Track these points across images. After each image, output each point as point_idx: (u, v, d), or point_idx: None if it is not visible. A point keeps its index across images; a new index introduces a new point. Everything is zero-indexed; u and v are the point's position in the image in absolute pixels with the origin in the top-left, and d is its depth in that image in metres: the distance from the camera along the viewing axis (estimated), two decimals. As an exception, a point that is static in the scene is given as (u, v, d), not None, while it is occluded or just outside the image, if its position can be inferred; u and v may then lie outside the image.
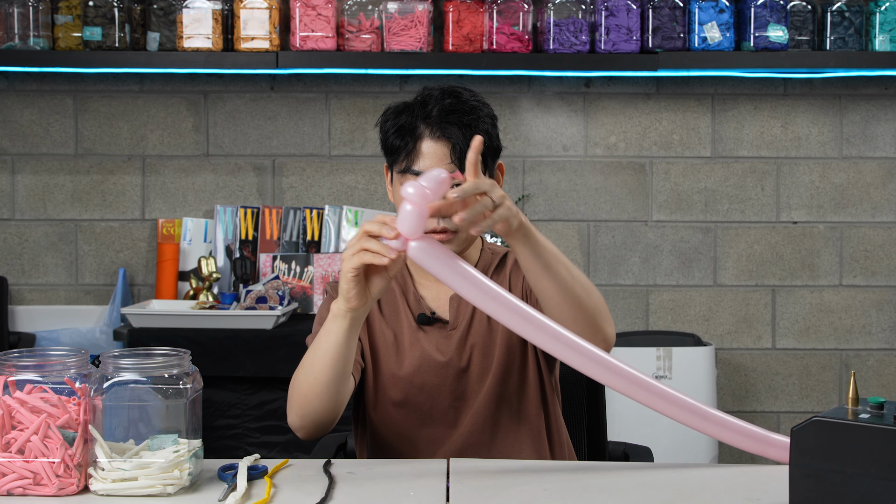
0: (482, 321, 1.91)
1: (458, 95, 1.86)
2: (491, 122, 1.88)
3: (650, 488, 1.55)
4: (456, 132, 1.82)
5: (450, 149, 1.82)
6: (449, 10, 3.51)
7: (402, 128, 1.84)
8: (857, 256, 3.76)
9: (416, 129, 1.83)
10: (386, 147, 1.88)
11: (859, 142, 3.74)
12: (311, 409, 1.72)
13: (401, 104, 1.89)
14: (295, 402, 1.74)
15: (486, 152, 1.84)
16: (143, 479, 1.47)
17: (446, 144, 1.82)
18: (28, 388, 1.48)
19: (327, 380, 1.70)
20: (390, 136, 1.86)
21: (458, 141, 1.81)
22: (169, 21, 3.51)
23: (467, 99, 1.86)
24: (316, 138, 3.73)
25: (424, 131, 1.83)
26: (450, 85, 1.89)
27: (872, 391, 3.74)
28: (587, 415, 2.19)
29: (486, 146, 1.82)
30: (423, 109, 1.84)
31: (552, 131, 3.73)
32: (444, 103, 1.84)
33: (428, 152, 1.82)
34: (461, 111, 1.84)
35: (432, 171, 1.56)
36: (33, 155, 3.72)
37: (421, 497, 1.50)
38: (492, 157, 1.88)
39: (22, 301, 3.72)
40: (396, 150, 1.85)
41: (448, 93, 1.86)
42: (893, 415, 1.30)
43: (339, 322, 1.66)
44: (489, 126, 1.87)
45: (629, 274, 3.76)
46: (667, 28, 3.49)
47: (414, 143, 1.83)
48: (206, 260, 3.50)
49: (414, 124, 1.84)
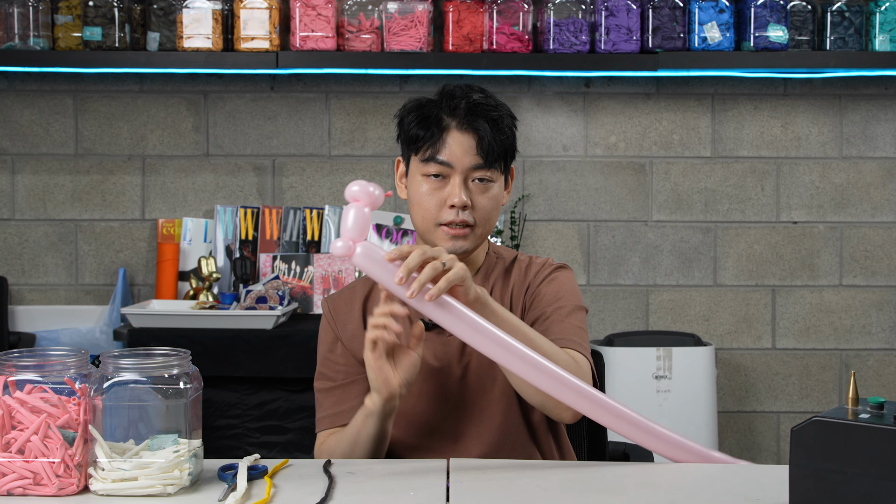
0: None
1: (484, 91, 1.87)
2: (512, 121, 1.88)
3: (650, 488, 1.55)
4: (484, 125, 1.81)
5: (476, 140, 1.81)
6: (449, 10, 3.51)
7: (426, 118, 1.83)
8: (857, 256, 3.76)
9: (441, 120, 1.82)
10: (407, 138, 1.85)
11: (859, 142, 3.74)
12: None
13: (422, 98, 1.88)
14: None
15: (506, 153, 1.85)
16: (143, 479, 1.47)
17: (473, 136, 1.81)
18: (28, 388, 1.48)
19: (374, 453, 1.77)
20: (413, 126, 1.84)
21: (486, 133, 1.81)
22: (169, 21, 3.51)
23: (492, 96, 1.87)
24: (316, 138, 3.73)
25: (451, 122, 1.82)
26: (469, 85, 1.90)
27: (872, 391, 3.74)
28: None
29: (505, 147, 1.85)
30: (449, 102, 1.83)
31: (552, 131, 3.73)
32: (472, 97, 1.83)
33: (454, 142, 1.81)
34: (489, 105, 1.84)
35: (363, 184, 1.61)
36: (33, 155, 3.72)
37: (421, 497, 1.50)
38: (511, 156, 1.88)
39: (22, 301, 3.72)
40: (420, 139, 1.83)
41: (474, 88, 1.87)
42: (893, 415, 1.30)
43: (376, 420, 1.72)
44: (511, 124, 1.87)
45: (629, 274, 3.76)
46: (667, 28, 3.49)
47: (440, 133, 1.82)
48: (206, 260, 3.50)
49: (439, 116, 1.83)
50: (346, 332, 1.91)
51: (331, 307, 1.94)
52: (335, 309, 1.93)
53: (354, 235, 1.59)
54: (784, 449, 3.77)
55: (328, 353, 1.92)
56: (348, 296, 1.95)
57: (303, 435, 3.20)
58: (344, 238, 1.59)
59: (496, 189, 1.85)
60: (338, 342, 1.91)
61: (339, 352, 1.91)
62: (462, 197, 1.80)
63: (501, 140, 1.83)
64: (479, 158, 1.81)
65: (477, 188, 1.83)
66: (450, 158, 1.81)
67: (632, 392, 3.36)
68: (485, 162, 1.81)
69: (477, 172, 1.82)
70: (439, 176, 1.82)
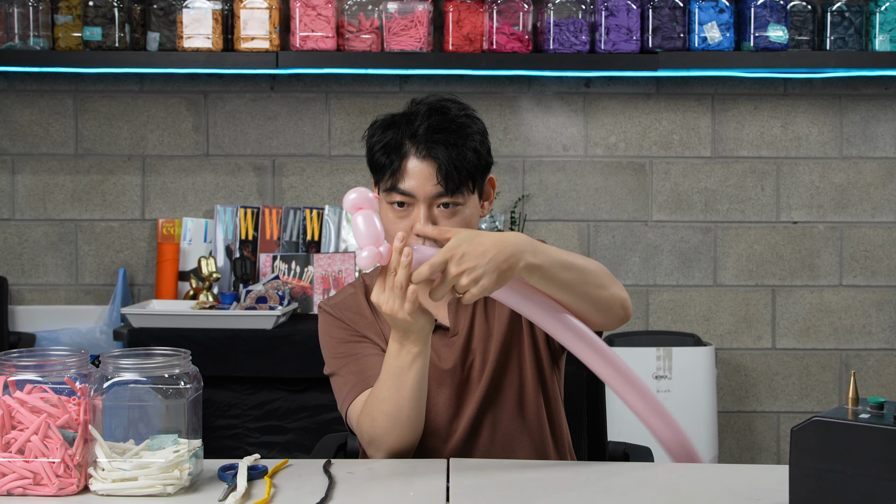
0: (481, 326, 1.89)
1: (446, 112, 1.81)
2: (480, 138, 1.82)
3: (650, 488, 1.56)
4: (442, 151, 1.76)
5: (436, 168, 1.77)
6: (449, 10, 3.51)
7: (387, 145, 1.79)
8: (857, 256, 3.76)
9: (401, 146, 1.78)
10: (372, 164, 1.83)
11: (859, 142, 3.74)
12: (406, 442, 1.75)
13: (388, 117, 1.84)
14: (385, 443, 1.74)
15: (476, 170, 1.80)
16: (143, 479, 1.47)
17: (432, 164, 1.77)
18: (28, 388, 1.48)
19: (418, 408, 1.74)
20: (377, 153, 1.81)
21: (444, 161, 1.76)
22: (169, 21, 3.51)
23: (455, 116, 1.81)
24: (316, 138, 3.73)
25: (410, 149, 1.78)
26: (439, 99, 1.84)
27: (872, 391, 3.74)
28: (587, 415, 2.19)
29: (475, 164, 1.80)
30: (409, 127, 1.79)
31: (552, 131, 3.73)
32: (430, 121, 1.79)
33: (414, 171, 1.77)
34: (448, 129, 1.78)
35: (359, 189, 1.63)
36: (33, 155, 3.72)
37: (421, 497, 1.50)
38: (481, 175, 1.83)
39: (22, 301, 3.72)
40: (382, 167, 1.80)
41: (435, 109, 1.81)
42: (893, 415, 1.30)
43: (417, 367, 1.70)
44: (477, 144, 1.81)
45: (629, 274, 3.76)
46: (667, 28, 3.49)
47: (399, 161, 1.78)
48: (206, 260, 3.50)
49: (400, 142, 1.79)
50: (361, 330, 1.90)
51: (336, 313, 1.92)
52: (341, 315, 1.91)
53: (374, 241, 1.60)
54: (784, 449, 3.77)
55: (341, 339, 1.89)
56: (351, 301, 1.93)
57: (303, 435, 3.20)
58: (366, 247, 1.59)
59: (466, 211, 1.80)
60: (352, 330, 1.90)
61: (355, 336, 1.89)
62: (426, 226, 1.75)
63: (463, 165, 1.77)
64: (439, 187, 1.77)
65: (443, 214, 1.79)
66: (410, 189, 1.77)
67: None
68: (446, 190, 1.77)
69: (440, 199, 1.78)
70: (403, 204, 1.79)
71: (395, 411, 1.71)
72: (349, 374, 1.85)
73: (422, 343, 1.69)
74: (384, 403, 1.72)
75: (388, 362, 1.71)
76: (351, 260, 3.56)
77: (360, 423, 1.78)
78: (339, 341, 1.89)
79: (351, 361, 1.86)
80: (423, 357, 1.70)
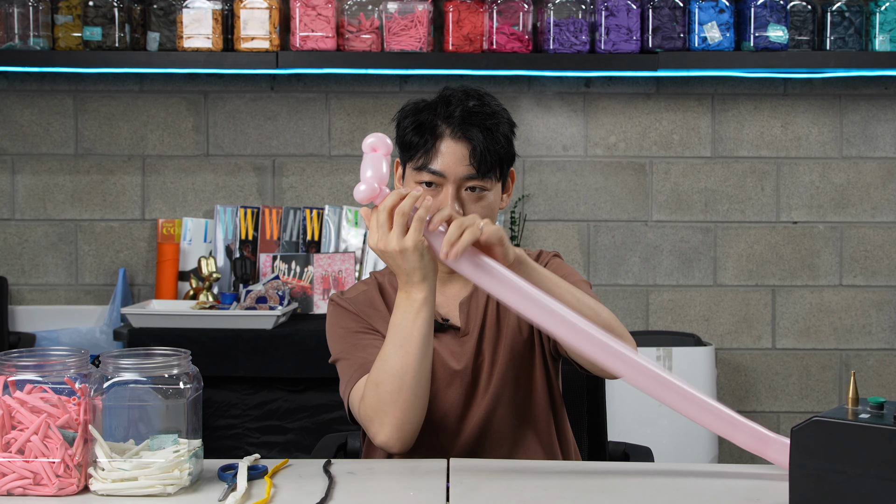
0: (492, 326, 1.89)
1: (482, 98, 1.86)
2: (510, 128, 1.87)
3: (650, 488, 1.56)
4: (478, 134, 1.80)
5: (469, 150, 1.80)
6: (449, 10, 3.51)
7: (421, 125, 1.82)
8: (857, 256, 3.76)
9: (436, 127, 1.82)
10: (403, 143, 1.85)
11: (859, 142, 3.74)
12: (411, 413, 1.71)
13: (420, 102, 1.87)
14: (390, 413, 1.70)
15: (504, 158, 1.85)
16: (143, 479, 1.47)
17: (467, 146, 1.81)
18: (28, 388, 1.48)
19: (424, 371, 1.71)
20: (409, 132, 1.83)
21: (478, 143, 1.80)
22: (169, 21, 3.51)
23: (489, 102, 1.86)
24: (316, 138, 3.73)
25: (445, 130, 1.82)
26: (472, 87, 1.88)
27: (872, 391, 3.74)
28: (587, 415, 2.19)
29: (506, 150, 1.84)
30: (445, 108, 1.83)
31: (552, 131, 3.73)
32: (467, 105, 1.82)
33: (447, 152, 1.81)
34: (484, 114, 1.83)
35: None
36: (33, 155, 3.72)
37: (421, 497, 1.50)
38: (508, 164, 1.87)
39: (22, 301, 3.72)
40: (414, 146, 1.82)
41: (471, 94, 1.85)
42: (893, 415, 1.30)
43: (423, 317, 1.68)
44: (508, 132, 1.86)
45: (629, 274, 3.76)
46: (667, 28, 3.49)
47: (434, 141, 1.81)
48: (206, 260, 3.50)
49: (434, 122, 1.82)
50: (373, 324, 1.90)
51: (350, 307, 1.91)
52: (356, 308, 1.90)
53: (376, 181, 1.60)
54: (784, 449, 3.76)
55: (352, 329, 1.88)
56: (365, 296, 1.93)
57: (303, 435, 3.20)
58: (368, 182, 1.59)
59: (491, 197, 1.84)
60: (365, 323, 1.89)
61: (366, 328, 1.88)
62: (454, 207, 1.79)
63: (496, 149, 1.82)
64: (471, 168, 1.80)
65: (470, 197, 1.82)
66: (442, 168, 1.80)
67: (632, 392, 3.35)
68: (477, 172, 1.80)
69: (470, 182, 1.81)
70: (432, 184, 1.82)
71: (401, 370, 1.69)
72: (356, 358, 1.83)
73: (427, 289, 1.67)
74: (389, 363, 1.70)
75: (394, 318, 1.70)
76: (351, 260, 3.57)
77: (363, 397, 1.75)
78: (350, 331, 1.88)
79: (359, 348, 1.85)
80: (428, 306, 1.68)
